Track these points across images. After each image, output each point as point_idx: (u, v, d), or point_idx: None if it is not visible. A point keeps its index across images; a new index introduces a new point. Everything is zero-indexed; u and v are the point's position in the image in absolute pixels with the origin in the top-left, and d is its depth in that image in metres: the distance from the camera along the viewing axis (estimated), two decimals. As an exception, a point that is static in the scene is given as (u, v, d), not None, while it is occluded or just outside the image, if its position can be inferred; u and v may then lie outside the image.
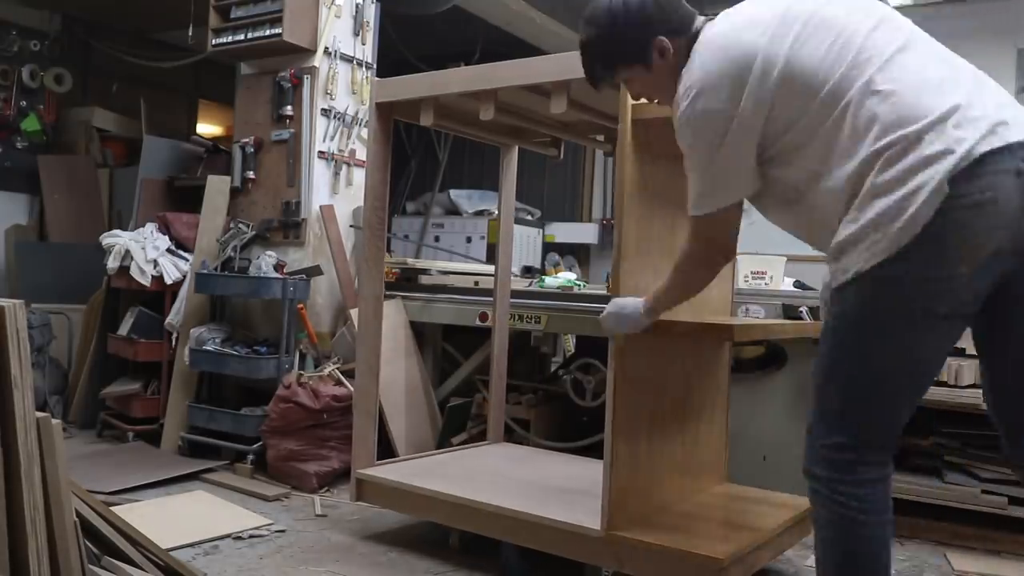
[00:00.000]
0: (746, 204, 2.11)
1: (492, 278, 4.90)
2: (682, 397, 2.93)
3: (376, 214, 3.33)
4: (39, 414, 1.80)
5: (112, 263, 4.51)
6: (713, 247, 2.11)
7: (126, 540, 2.36)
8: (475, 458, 3.58)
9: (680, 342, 2.82)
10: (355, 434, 3.27)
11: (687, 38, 2.00)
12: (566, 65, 2.65)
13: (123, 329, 4.61)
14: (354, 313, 4.22)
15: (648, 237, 2.66)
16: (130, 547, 2.35)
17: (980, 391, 3.29)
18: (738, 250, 2.29)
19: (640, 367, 2.64)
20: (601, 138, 3.60)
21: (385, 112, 3.25)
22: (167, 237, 4.63)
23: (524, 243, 7.21)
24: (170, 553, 2.43)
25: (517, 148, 3.88)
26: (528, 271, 5.96)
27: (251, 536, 3.14)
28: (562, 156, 3.89)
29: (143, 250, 4.47)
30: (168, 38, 6.91)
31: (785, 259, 4.14)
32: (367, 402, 3.32)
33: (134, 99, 6.60)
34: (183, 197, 5.08)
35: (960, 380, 3.39)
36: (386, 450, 4.08)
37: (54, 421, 1.83)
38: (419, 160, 8.27)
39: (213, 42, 4.60)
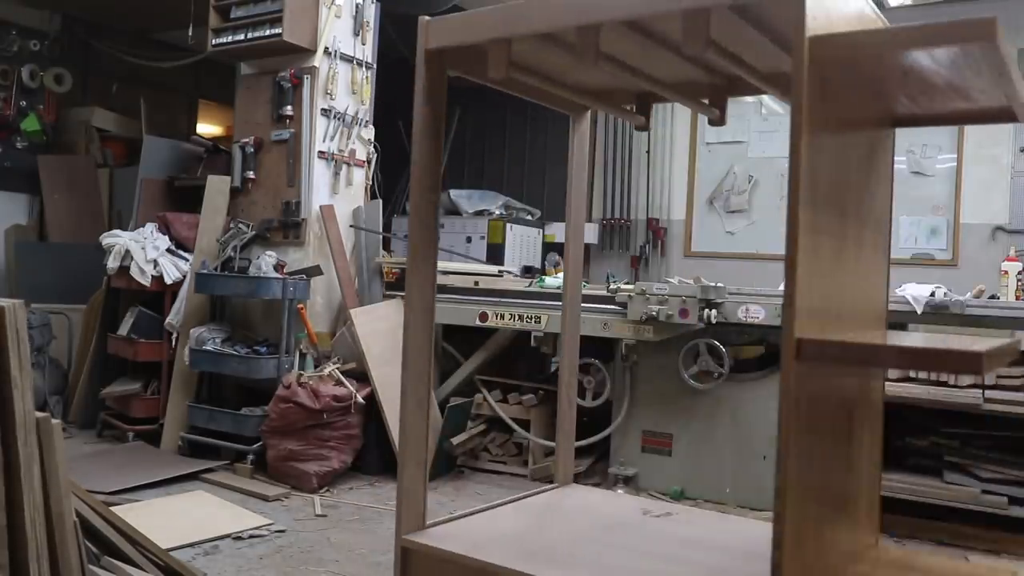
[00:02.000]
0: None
1: (492, 278, 4.91)
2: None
3: (426, 197, 2.49)
4: (39, 414, 1.80)
5: (112, 263, 4.51)
6: None
7: (126, 540, 2.36)
8: (551, 513, 2.81)
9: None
10: (401, 489, 2.43)
11: None
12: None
13: (123, 329, 4.62)
14: (354, 313, 4.23)
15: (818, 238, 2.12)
16: (130, 547, 2.35)
17: (980, 391, 3.33)
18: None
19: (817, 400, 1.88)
20: (632, 108, 3.08)
21: (436, 62, 2.48)
22: (167, 237, 4.63)
23: (524, 243, 7.20)
24: (170, 553, 2.43)
25: (588, 114, 3.16)
26: (528, 271, 5.97)
27: (251, 536, 3.14)
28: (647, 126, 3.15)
29: (143, 250, 4.47)
30: (168, 38, 6.91)
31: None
32: (416, 448, 2.41)
33: (134, 99, 6.61)
34: (183, 197, 5.08)
35: (960, 380, 3.39)
36: (387, 451, 4.09)
37: (54, 421, 1.83)
38: (419, 160, 8.27)
39: (213, 42, 4.60)
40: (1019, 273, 3.80)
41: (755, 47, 2.28)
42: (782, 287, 4.03)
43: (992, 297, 3.76)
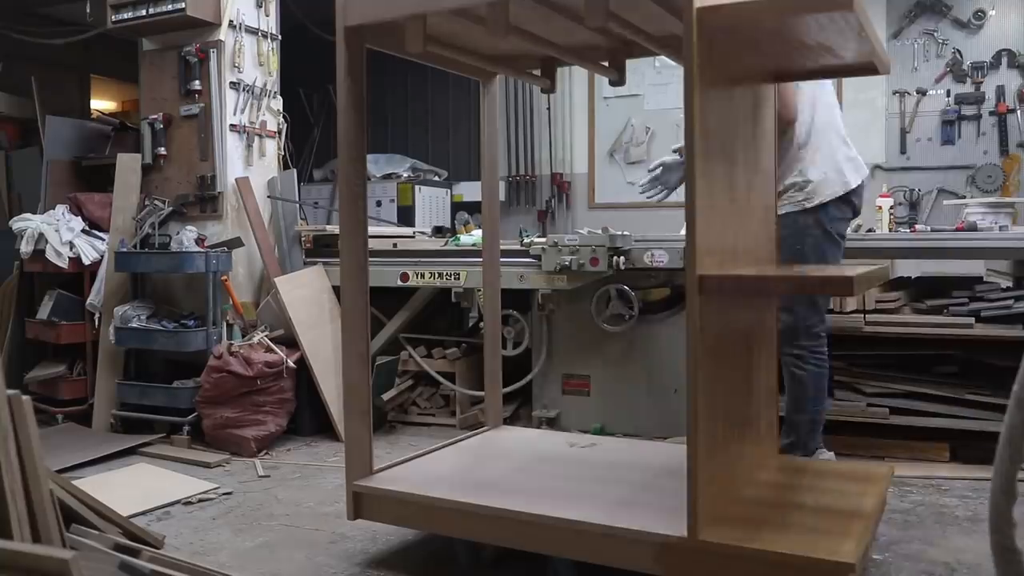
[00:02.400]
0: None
1: (407, 239, 5.07)
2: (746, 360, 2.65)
3: (353, 166, 2.68)
4: (10, 391, 1.91)
5: (26, 247, 4.48)
6: None
7: (88, 508, 2.48)
8: (486, 451, 3.13)
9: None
10: (349, 438, 2.67)
11: None
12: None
13: (42, 313, 4.59)
14: (279, 282, 4.33)
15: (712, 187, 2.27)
16: (92, 515, 2.48)
17: (861, 315, 3.71)
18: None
19: (720, 331, 2.26)
20: (537, 72, 3.21)
21: (355, 38, 2.61)
22: (80, 218, 4.61)
23: (433, 204, 7.36)
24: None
25: (497, 79, 3.44)
26: (439, 231, 6.13)
27: (200, 500, 3.27)
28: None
29: (57, 232, 4.45)
30: (55, 12, 6.70)
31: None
32: (360, 400, 2.65)
33: (21, 77, 6.40)
34: (92, 177, 5.04)
35: (844, 306, 3.76)
36: (320, 412, 4.25)
37: (24, 398, 1.94)
38: (322, 128, 8.27)
39: (113, 18, 4.54)
40: (891, 208, 4.19)
41: (649, 14, 2.51)
42: (683, 232, 4.41)
43: (869, 231, 4.13)
